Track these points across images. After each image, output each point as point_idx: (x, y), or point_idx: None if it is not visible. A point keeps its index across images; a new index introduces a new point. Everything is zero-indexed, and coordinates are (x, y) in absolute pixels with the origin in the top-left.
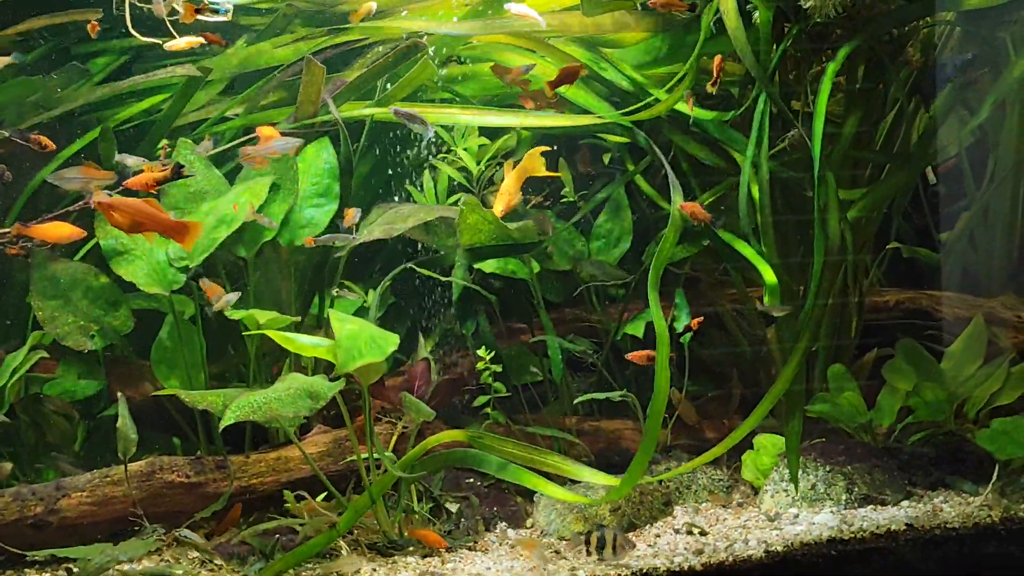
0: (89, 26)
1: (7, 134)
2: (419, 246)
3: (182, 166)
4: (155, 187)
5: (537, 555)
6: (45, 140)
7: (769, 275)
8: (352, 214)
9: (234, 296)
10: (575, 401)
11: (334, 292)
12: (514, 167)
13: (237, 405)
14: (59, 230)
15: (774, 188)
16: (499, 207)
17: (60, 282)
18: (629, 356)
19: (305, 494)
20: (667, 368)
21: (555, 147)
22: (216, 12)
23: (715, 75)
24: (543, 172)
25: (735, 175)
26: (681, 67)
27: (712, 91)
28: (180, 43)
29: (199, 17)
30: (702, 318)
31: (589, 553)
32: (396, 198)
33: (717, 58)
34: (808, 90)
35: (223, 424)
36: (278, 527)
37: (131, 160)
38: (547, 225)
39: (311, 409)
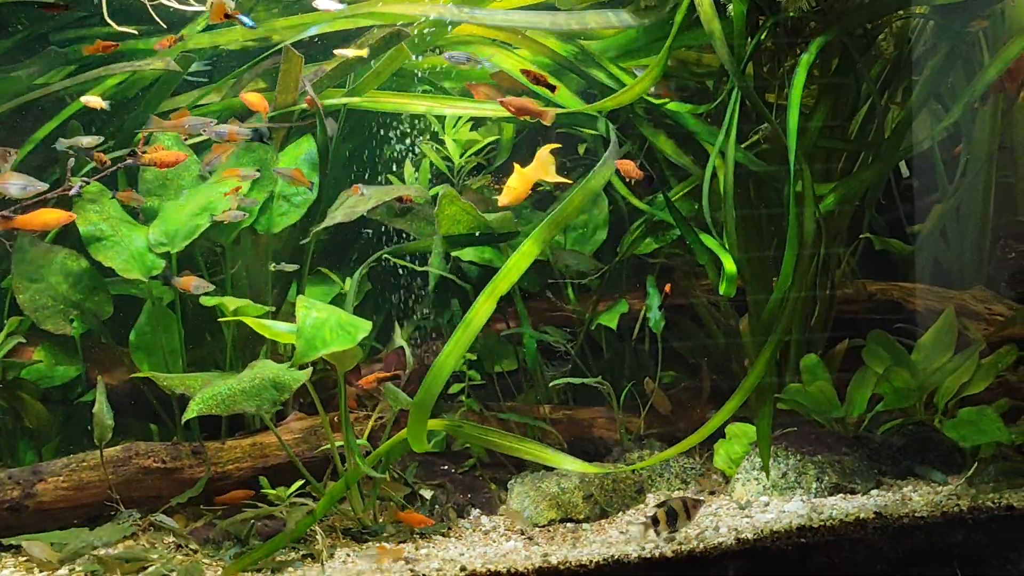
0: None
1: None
2: (394, 235)
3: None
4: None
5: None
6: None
7: (729, 264)
8: (357, 190)
9: (204, 284)
10: (550, 384)
11: (272, 267)
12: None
13: (201, 398)
14: (46, 216)
15: (747, 181)
16: (504, 199)
17: (40, 266)
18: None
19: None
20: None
21: (540, 139)
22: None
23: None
24: (554, 177)
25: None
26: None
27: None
28: None
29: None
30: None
31: (658, 533)
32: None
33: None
34: (784, 83)
35: (185, 418)
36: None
37: (86, 140)
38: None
39: (276, 401)
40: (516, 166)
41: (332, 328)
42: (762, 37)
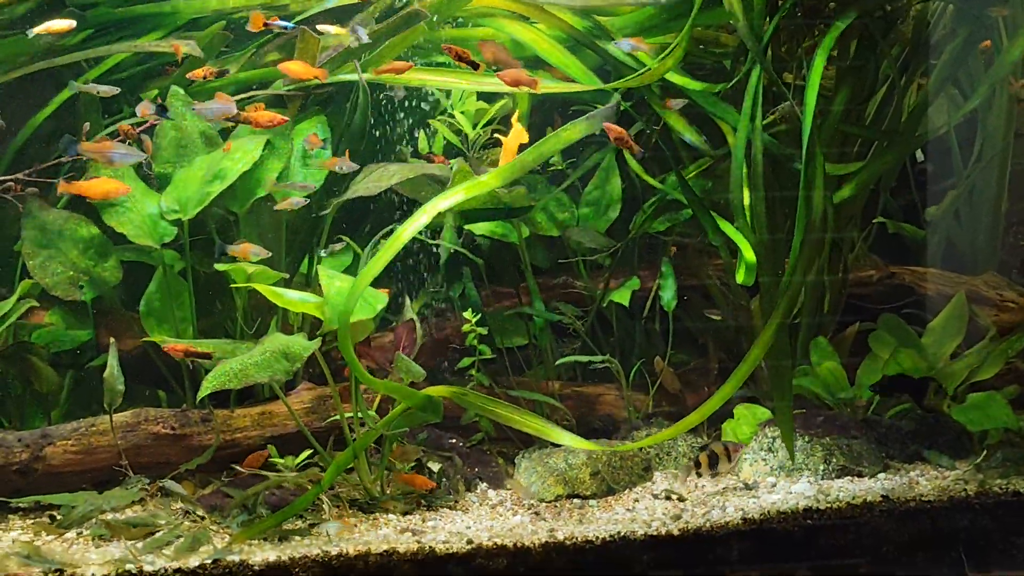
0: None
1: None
2: (407, 207)
3: (165, 110)
4: None
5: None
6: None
7: (748, 253)
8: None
9: (261, 251)
10: (558, 362)
11: (322, 252)
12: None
13: (215, 374)
14: (106, 186)
15: (763, 162)
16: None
17: (51, 231)
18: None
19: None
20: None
21: (558, 114)
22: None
23: None
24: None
25: (719, 148)
26: (674, 38)
27: None
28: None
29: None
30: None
31: (700, 475)
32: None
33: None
34: (801, 63)
35: (201, 395)
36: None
37: (102, 88)
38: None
39: (287, 372)
40: (501, 138)
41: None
42: (781, 17)
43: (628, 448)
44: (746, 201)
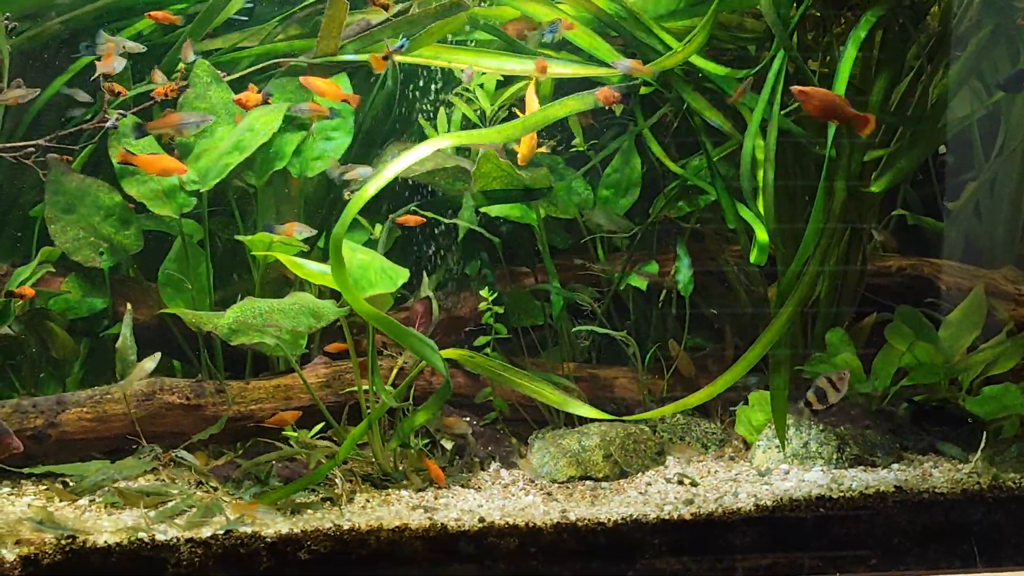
0: None
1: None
2: (424, 186)
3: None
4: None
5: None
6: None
7: (761, 232)
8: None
9: (307, 229)
10: (574, 329)
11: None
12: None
13: (239, 307)
14: (165, 162)
15: (785, 148)
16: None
17: (74, 198)
18: None
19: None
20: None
21: None
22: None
23: None
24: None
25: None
26: (699, 22)
27: None
28: None
29: None
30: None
31: (809, 405)
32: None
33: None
34: (832, 50)
35: (223, 322)
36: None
37: (130, 44)
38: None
39: (310, 327)
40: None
41: (376, 271)
42: (809, 3)
43: (640, 418)
44: (760, 182)
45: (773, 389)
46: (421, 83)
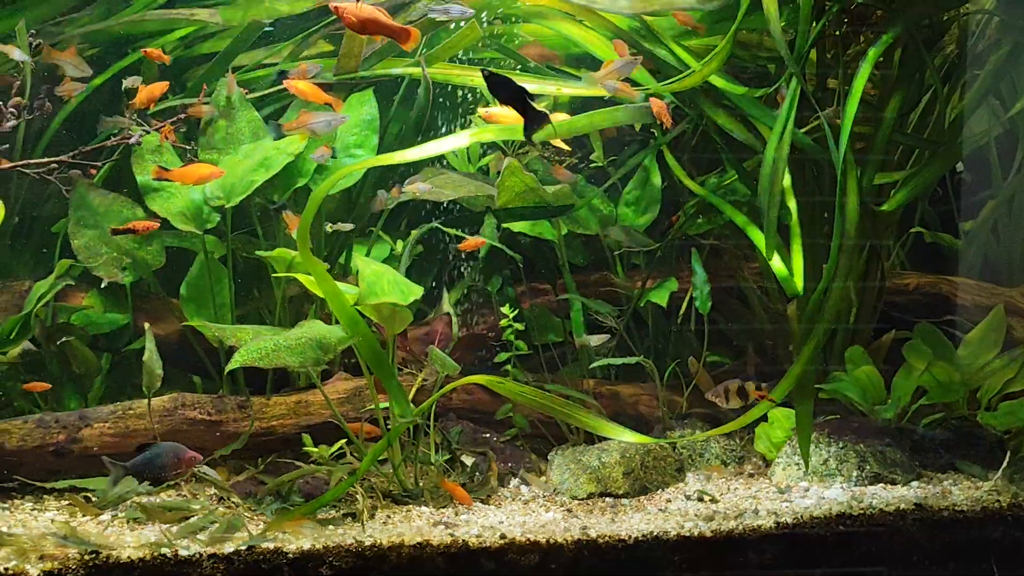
0: None
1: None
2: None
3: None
4: None
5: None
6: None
7: (769, 258)
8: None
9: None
10: (592, 365)
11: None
12: None
13: (246, 350)
14: (201, 170)
15: (804, 168)
16: None
17: (98, 213)
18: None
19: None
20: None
21: None
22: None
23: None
24: None
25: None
26: (719, 40)
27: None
28: None
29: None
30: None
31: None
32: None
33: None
34: (847, 69)
35: (228, 368)
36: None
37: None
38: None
39: (318, 361)
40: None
41: (389, 281)
42: (827, 23)
43: (688, 440)
44: (791, 204)
45: (797, 406)
46: (445, 102)
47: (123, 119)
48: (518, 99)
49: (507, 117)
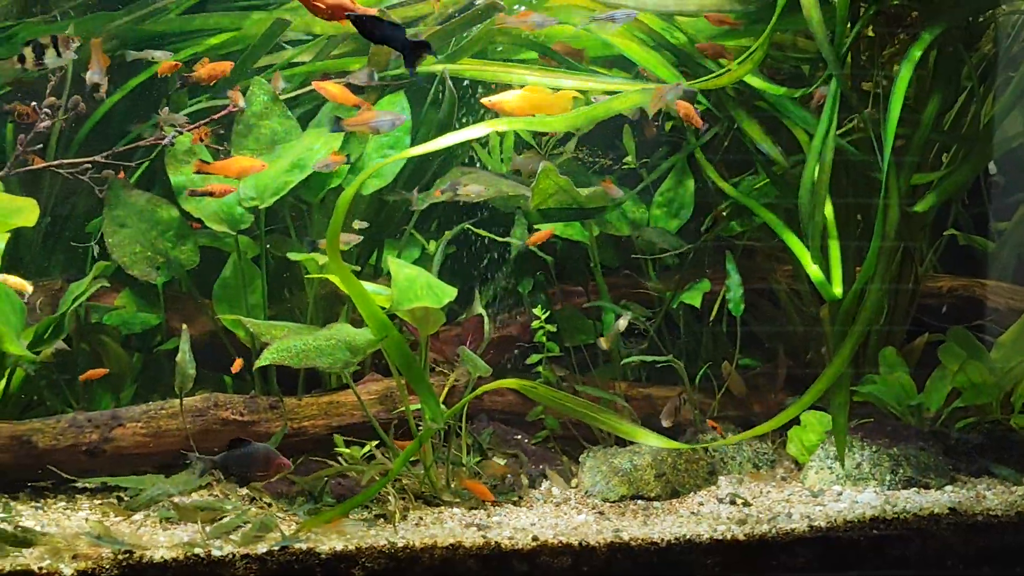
0: None
1: None
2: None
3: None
4: None
5: None
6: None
7: (808, 264)
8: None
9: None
10: (623, 362)
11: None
12: None
13: (276, 348)
14: (241, 163)
15: (837, 169)
16: None
17: (132, 212)
18: None
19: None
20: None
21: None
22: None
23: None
24: None
25: (794, 154)
26: (753, 41)
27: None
28: None
29: None
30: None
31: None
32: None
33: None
34: (882, 71)
35: (258, 364)
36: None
37: (158, 53)
38: (613, 191)
39: (347, 363)
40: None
41: (422, 285)
42: (863, 25)
43: (724, 443)
44: (828, 211)
45: (833, 408)
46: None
47: (176, 115)
48: (394, 37)
49: (510, 104)
